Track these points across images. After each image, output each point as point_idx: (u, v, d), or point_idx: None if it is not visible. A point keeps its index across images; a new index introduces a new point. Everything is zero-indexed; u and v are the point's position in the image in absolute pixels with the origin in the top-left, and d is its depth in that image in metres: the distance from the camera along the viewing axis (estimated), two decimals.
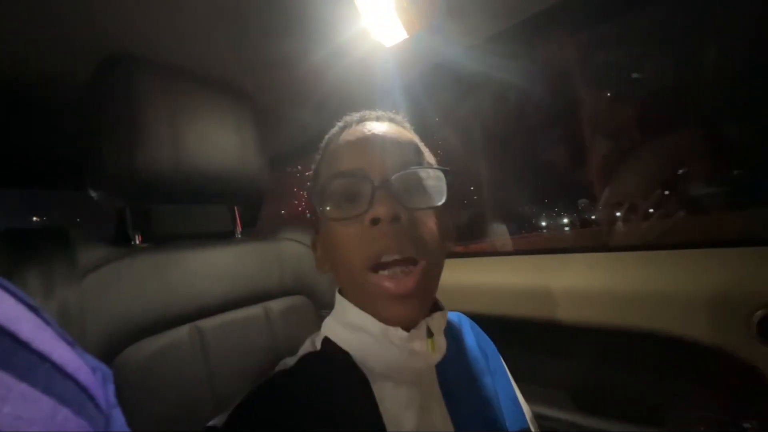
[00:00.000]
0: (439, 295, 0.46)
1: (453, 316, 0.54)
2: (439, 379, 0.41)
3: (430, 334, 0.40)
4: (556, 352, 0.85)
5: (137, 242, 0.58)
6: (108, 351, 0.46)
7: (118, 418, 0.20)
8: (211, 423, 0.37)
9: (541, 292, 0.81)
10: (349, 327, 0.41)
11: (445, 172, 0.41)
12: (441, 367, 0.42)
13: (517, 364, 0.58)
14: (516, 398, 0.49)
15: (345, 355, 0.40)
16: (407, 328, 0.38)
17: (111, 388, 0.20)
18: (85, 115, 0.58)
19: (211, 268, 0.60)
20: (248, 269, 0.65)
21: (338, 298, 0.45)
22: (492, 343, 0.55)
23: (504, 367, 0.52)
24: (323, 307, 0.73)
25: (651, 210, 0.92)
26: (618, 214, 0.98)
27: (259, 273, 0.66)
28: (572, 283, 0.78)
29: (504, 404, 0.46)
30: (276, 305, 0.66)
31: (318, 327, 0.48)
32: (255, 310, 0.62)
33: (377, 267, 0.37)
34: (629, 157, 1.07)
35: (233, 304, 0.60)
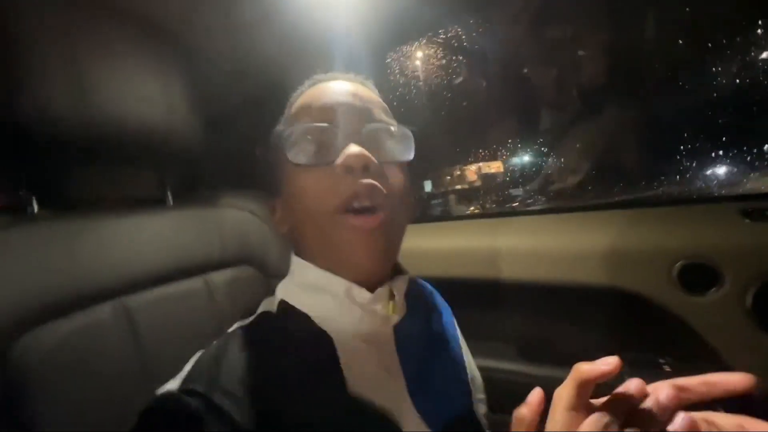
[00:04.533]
0: (401, 260, 0.46)
1: (416, 281, 0.55)
2: (396, 339, 0.43)
3: (391, 296, 0.41)
4: (499, 308, 0.90)
5: (34, 209, 0.48)
6: None
7: None
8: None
9: (485, 253, 0.85)
10: (309, 288, 0.41)
11: (412, 131, 0.43)
12: (399, 328, 0.43)
13: (468, 321, 0.61)
14: (465, 365, 0.51)
15: (304, 315, 0.40)
16: (371, 289, 0.39)
17: None
18: None
19: (137, 237, 0.52)
20: (183, 239, 0.58)
21: (295, 260, 0.44)
22: (449, 308, 0.58)
23: (457, 332, 0.56)
24: (274, 277, 0.69)
25: None
26: None
27: (197, 243, 0.59)
28: (515, 243, 0.83)
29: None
30: (219, 277, 0.60)
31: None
32: (194, 283, 0.56)
33: (346, 210, 0.37)
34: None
35: (167, 277, 0.53)
